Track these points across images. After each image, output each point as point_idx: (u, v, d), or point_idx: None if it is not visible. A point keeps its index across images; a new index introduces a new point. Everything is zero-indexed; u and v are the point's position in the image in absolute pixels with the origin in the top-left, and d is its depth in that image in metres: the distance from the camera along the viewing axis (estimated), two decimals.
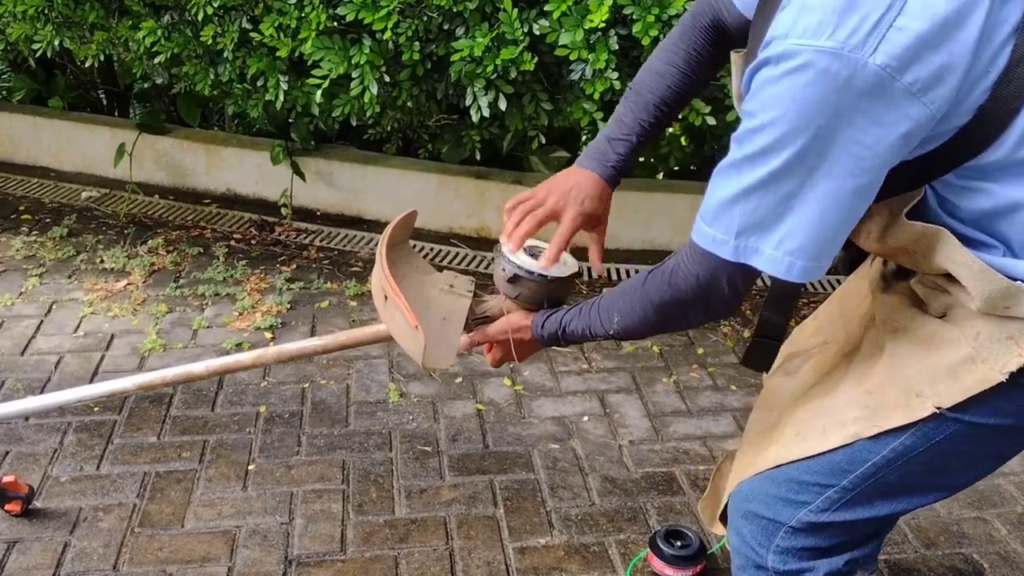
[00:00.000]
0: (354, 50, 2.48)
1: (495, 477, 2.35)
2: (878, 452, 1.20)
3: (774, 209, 1.02)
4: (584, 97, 2.50)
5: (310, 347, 1.58)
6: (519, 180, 3.63)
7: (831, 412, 1.25)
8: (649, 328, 1.27)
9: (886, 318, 1.25)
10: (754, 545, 1.35)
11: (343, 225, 3.86)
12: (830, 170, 0.98)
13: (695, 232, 1.11)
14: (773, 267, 1.05)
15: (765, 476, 1.31)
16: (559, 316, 1.40)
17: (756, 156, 1.01)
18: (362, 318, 3.12)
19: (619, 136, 1.45)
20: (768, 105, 0.98)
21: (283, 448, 2.41)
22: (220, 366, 1.61)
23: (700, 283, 1.14)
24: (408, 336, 1.37)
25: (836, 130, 0.95)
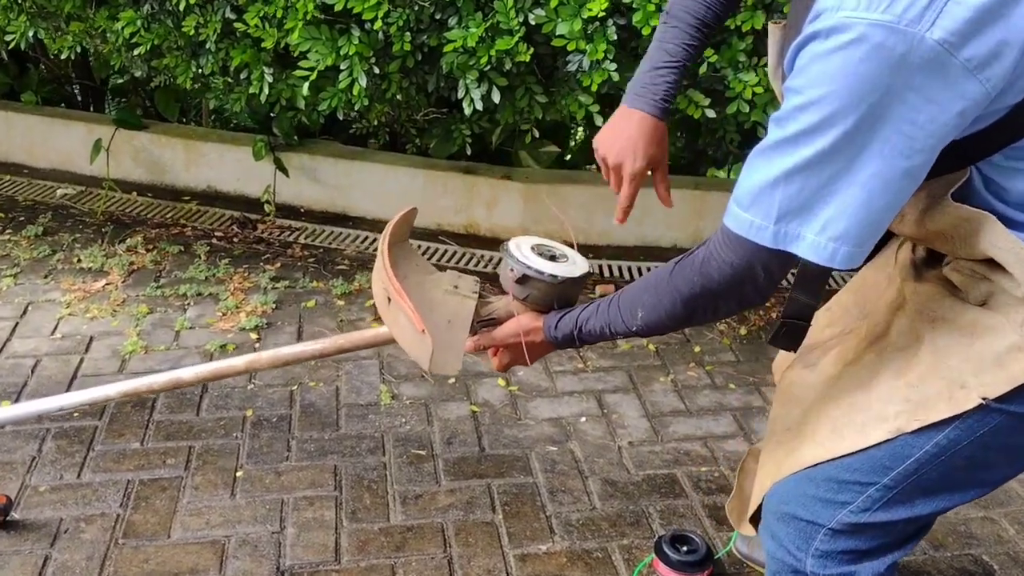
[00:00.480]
0: (342, 41, 2.39)
1: (492, 481, 2.28)
2: (921, 447, 1.15)
3: (818, 192, 0.97)
4: (580, 89, 2.43)
5: (307, 351, 1.50)
6: (508, 175, 3.56)
7: (870, 406, 1.20)
8: (676, 322, 1.21)
9: (922, 308, 1.19)
10: (791, 549, 1.29)
11: (328, 222, 3.78)
12: (880, 151, 0.93)
13: (729, 218, 1.05)
14: (815, 253, 0.99)
15: (802, 476, 1.26)
16: (574, 315, 1.34)
17: (801, 136, 0.95)
18: (349, 318, 3.03)
19: (664, 64, 1.40)
20: (817, 82, 0.92)
21: (272, 453, 2.33)
22: (210, 372, 1.52)
23: (735, 272, 1.08)
24: (413, 341, 1.29)
25: (888, 108, 0.90)
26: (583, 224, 3.58)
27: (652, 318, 1.21)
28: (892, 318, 1.28)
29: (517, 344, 1.40)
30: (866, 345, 1.32)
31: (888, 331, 1.27)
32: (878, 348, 1.27)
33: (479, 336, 1.43)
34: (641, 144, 1.39)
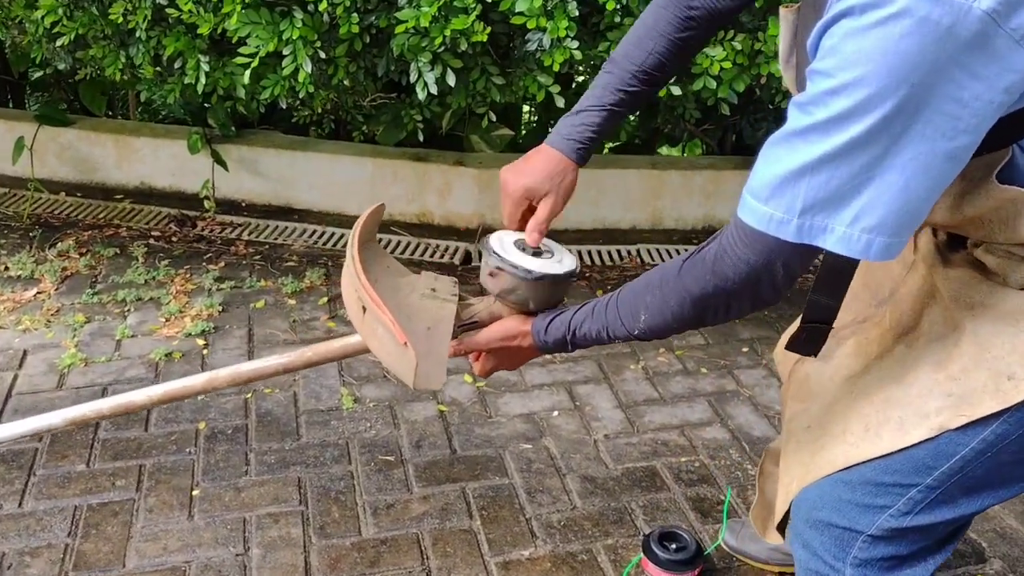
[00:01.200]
0: (285, 24, 2.23)
1: (467, 485, 2.17)
2: (966, 444, 1.08)
3: (850, 181, 0.88)
4: (539, 69, 2.31)
5: (270, 367, 1.37)
6: (461, 161, 3.44)
7: (908, 402, 1.12)
8: (684, 324, 1.11)
9: (957, 295, 1.11)
10: (827, 558, 1.22)
11: (272, 216, 3.61)
12: (921, 133, 0.84)
13: (745, 212, 0.95)
14: (847, 247, 0.91)
15: (835, 479, 1.18)
16: (565, 319, 1.23)
17: (832, 122, 0.86)
18: (303, 317, 2.89)
19: (588, 107, 1.34)
20: (851, 62, 0.83)
21: (230, 468, 2.18)
22: (165, 394, 1.38)
23: (751, 270, 0.99)
24: (394, 354, 1.17)
25: (932, 88, 0.82)
26: None
27: (657, 321, 1.12)
28: (922, 308, 1.20)
29: (503, 349, 1.29)
30: (893, 336, 1.24)
31: (919, 322, 1.19)
32: (909, 340, 1.19)
33: (460, 341, 1.32)
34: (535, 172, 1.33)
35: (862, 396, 1.21)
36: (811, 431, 1.30)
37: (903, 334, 1.23)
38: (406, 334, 1.14)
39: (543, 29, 2.13)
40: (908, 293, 1.27)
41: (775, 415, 2.51)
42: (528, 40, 2.23)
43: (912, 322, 1.23)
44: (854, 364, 1.31)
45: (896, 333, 1.25)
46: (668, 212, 3.52)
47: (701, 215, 3.57)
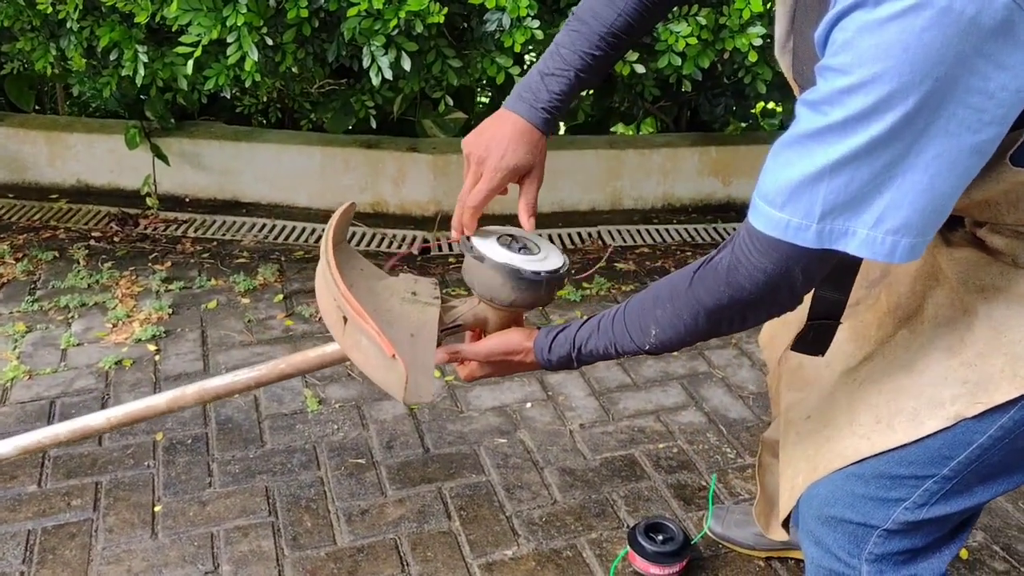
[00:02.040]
0: (228, 11, 2.11)
1: (443, 485, 2.10)
2: (983, 432, 1.04)
3: (871, 182, 0.83)
4: (498, 50, 2.23)
5: (240, 382, 1.28)
6: (414, 147, 3.33)
7: (920, 391, 1.08)
8: (697, 337, 1.06)
9: (965, 277, 1.07)
10: (842, 555, 1.18)
11: (218, 211, 3.47)
12: (945, 128, 0.79)
13: (758, 219, 0.90)
14: (870, 250, 0.86)
15: (847, 474, 1.13)
16: (569, 335, 1.17)
17: (850, 122, 0.80)
18: (258, 316, 2.77)
19: (554, 71, 1.24)
20: (869, 58, 0.77)
21: (192, 481, 2.08)
22: (126, 415, 1.28)
23: (768, 279, 0.94)
24: (380, 367, 1.09)
25: (956, 81, 0.77)
26: None
27: (669, 335, 1.06)
28: (923, 290, 1.15)
29: (502, 363, 1.22)
30: (893, 321, 1.20)
31: (922, 305, 1.15)
32: (912, 325, 1.15)
33: (457, 350, 1.24)
34: (514, 145, 1.22)
35: (869, 385, 1.16)
36: (812, 421, 1.26)
37: (905, 318, 1.19)
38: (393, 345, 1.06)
39: (502, 9, 2.04)
40: (905, 274, 1.22)
41: (749, 396, 2.48)
42: (487, 20, 2.14)
43: (913, 305, 1.18)
44: (852, 350, 1.27)
45: (896, 317, 1.21)
46: (627, 192, 3.47)
47: (660, 193, 3.53)
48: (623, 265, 3.18)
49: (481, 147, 1.24)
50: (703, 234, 3.44)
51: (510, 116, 1.24)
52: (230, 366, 2.52)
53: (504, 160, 1.22)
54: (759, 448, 1.65)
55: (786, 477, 1.25)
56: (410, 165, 3.32)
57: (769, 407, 2.44)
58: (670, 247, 3.30)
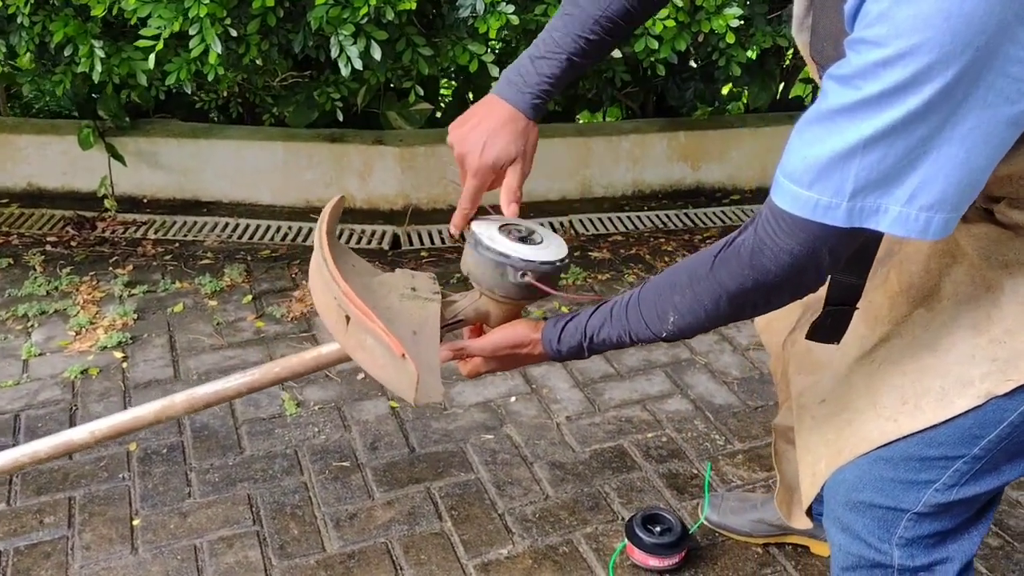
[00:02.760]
0: (190, 1, 2.02)
1: (432, 484, 2.04)
2: (1014, 409, 1.02)
3: (905, 157, 0.80)
4: (470, 38, 2.17)
5: (232, 388, 1.21)
6: (380, 140, 3.26)
7: (947, 370, 1.05)
8: (717, 322, 1.03)
9: (988, 253, 1.05)
10: (872, 541, 1.15)
11: (179, 211, 3.36)
12: (983, 99, 0.76)
13: (784, 199, 0.86)
14: (904, 226, 0.83)
15: (874, 457, 1.11)
16: (579, 325, 1.13)
17: (886, 96, 0.77)
18: (227, 319, 2.69)
19: (545, 54, 1.19)
20: (908, 29, 0.74)
21: (171, 492, 2.00)
22: (111, 428, 1.21)
23: (794, 260, 0.90)
24: (389, 368, 1.04)
25: (996, 50, 0.74)
26: None
27: (689, 320, 1.03)
28: (940, 268, 1.13)
29: (509, 356, 1.17)
30: (907, 300, 1.17)
31: (938, 283, 1.12)
32: (930, 304, 1.13)
33: (462, 346, 1.19)
34: (495, 137, 1.18)
35: (889, 366, 1.14)
36: (827, 405, 1.23)
37: (921, 298, 1.16)
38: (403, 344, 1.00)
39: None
40: (917, 252, 1.20)
41: (733, 381, 2.46)
42: (460, 6, 2.08)
43: (929, 284, 1.16)
44: (864, 332, 1.24)
45: (911, 297, 1.19)
46: (597, 180, 3.43)
47: (630, 180, 3.50)
48: (597, 254, 3.15)
49: (463, 142, 1.20)
50: (675, 220, 3.42)
51: (496, 102, 1.20)
52: (201, 371, 2.43)
53: (484, 156, 1.17)
54: (773, 436, 1.63)
55: (806, 463, 1.22)
56: (376, 158, 3.25)
57: (755, 392, 2.43)
58: (643, 234, 3.28)
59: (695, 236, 3.29)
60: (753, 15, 2.32)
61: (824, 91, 0.83)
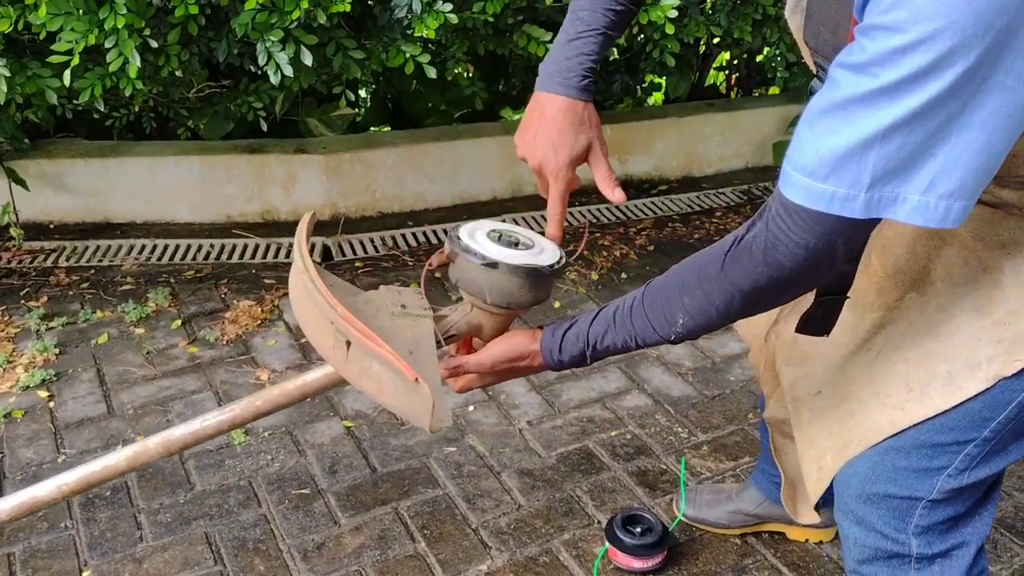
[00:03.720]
0: (104, 12, 1.88)
1: (399, 504, 1.97)
2: (1022, 390, 1.02)
3: (923, 144, 0.78)
4: (404, 39, 2.09)
5: (211, 426, 1.12)
6: (302, 148, 3.14)
7: (953, 355, 1.05)
8: (728, 321, 1.00)
9: (981, 234, 1.05)
10: (888, 531, 1.14)
11: (90, 235, 3.17)
12: (1002, 82, 0.75)
13: (796, 193, 0.84)
14: (924, 216, 0.81)
15: (885, 448, 1.10)
16: (580, 332, 1.08)
17: (906, 83, 0.75)
18: (158, 346, 2.54)
19: (579, 34, 1.17)
20: (929, 14, 0.72)
21: (120, 537, 1.87)
22: (79, 481, 1.10)
23: (810, 254, 0.88)
24: (399, 394, 0.97)
25: (1016, 31, 0.73)
26: (395, 189, 3.25)
27: (699, 322, 1.00)
28: (928, 251, 1.12)
29: (508, 370, 1.12)
30: (895, 285, 1.16)
31: (928, 267, 1.12)
32: (921, 288, 1.12)
33: (451, 362, 1.13)
34: (562, 136, 1.16)
35: (890, 353, 1.13)
36: (824, 397, 1.22)
37: (911, 281, 1.16)
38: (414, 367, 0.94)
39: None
40: (899, 236, 1.19)
41: (687, 372, 2.46)
42: (395, 7, 2.00)
43: (916, 266, 1.16)
44: (852, 318, 1.23)
45: (898, 281, 1.18)
46: (527, 178, 3.39)
47: None
48: None
49: (533, 151, 1.18)
50: (607, 214, 3.41)
51: (547, 99, 1.17)
52: (137, 405, 2.29)
53: (559, 158, 1.16)
54: (769, 431, 1.61)
55: (809, 458, 1.21)
56: (299, 168, 3.13)
57: (710, 381, 2.43)
58: (578, 230, 3.25)
59: (629, 229, 3.29)
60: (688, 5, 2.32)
61: (834, 80, 0.81)
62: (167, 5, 1.94)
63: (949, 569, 1.17)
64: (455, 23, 1.97)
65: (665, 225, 3.34)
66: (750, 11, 2.73)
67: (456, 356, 1.15)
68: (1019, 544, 1.88)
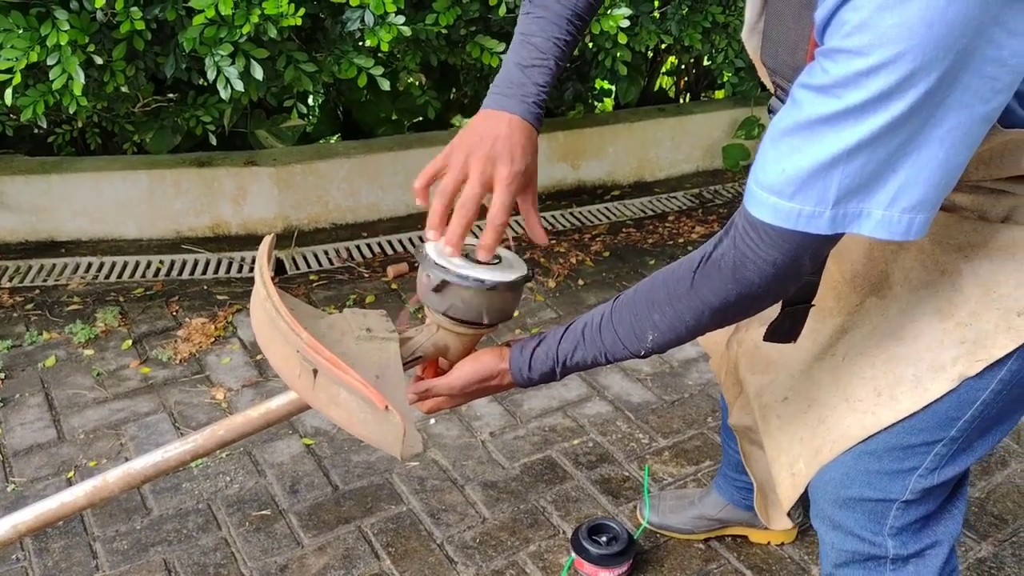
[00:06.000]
0: (46, 28, 1.83)
1: (362, 522, 1.95)
2: (985, 388, 1.05)
3: (886, 162, 0.80)
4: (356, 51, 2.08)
5: (173, 457, 1.09)
6: (252, 160, 3.09)
7: (918, 357, 1.07)
8: (697, 334, 1.02)
9: (938, 238, 1.08)
10: (865, 534, 1.17)
11: (34, 255, 3.08)
12: (960, 100, 0.78)
13: (763, 211, 0.86)
14: (887, 230, 0.83)
15: (858, 452, 1.12)
16: (549, 350, 1.09)
17: (870, 104, 0.77)
18: (108, 368, 2.48)
19: (533, 62, 1.14)
20: (892, 38, 0.74)
21: (75, 567, 1.82)
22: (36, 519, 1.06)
23: (778, 270, 0.90)
24: (369, 422, 0.95)
25: (974, 52, 0.75)
26: (348, 201, 3.22)
27: (669, 338, 1.01)
28: (884, 256, 1.15)
29: (478, 391, 1.12)
30: (854, 289, 1.19)
31: (886, 271, 1.14)
32: (881, 292, 1.14)
33: (419, 386, 1.12)
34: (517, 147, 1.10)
35: (856, 358, 1.15)
36: (791, 403, 1.24)
37: (870, 286, 1.18)
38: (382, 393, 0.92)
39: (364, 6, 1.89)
40: (855, 242, 1.22)
41: (647, 377, 2.48)
42: (347, 19, 1.98)
43: (874, 271, 1.18)
44: (814, 324, 1.25)
45: (857, 285, 1.21)
46: None
47: None
48: None
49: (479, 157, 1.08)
50: (562, 220, 3.42)
51: (503, 115, 1.11)
52: (88, 429, 2.23)
53: (515, 164, 1.08)
54: (738, 440, 1.62)
55: (780, 465, 1.22)
56: (250, 180, 3.08)
57: (669, 386, 2.45)
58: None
59: (584, 235, 3.30)
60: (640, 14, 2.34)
61: (797, 100, 0.82)
62: (112, 20, 1.90)
63: (924, 569, 1.20)
64: (408, 35, 1.96)
65: (619, 230, 3.36)
66: (700, 19, 2.77)
67: (424, 379, 1.14)
68: (973, 539, 1.92)
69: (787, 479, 1.21)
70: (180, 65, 2.10)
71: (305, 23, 2.13)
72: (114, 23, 1.90)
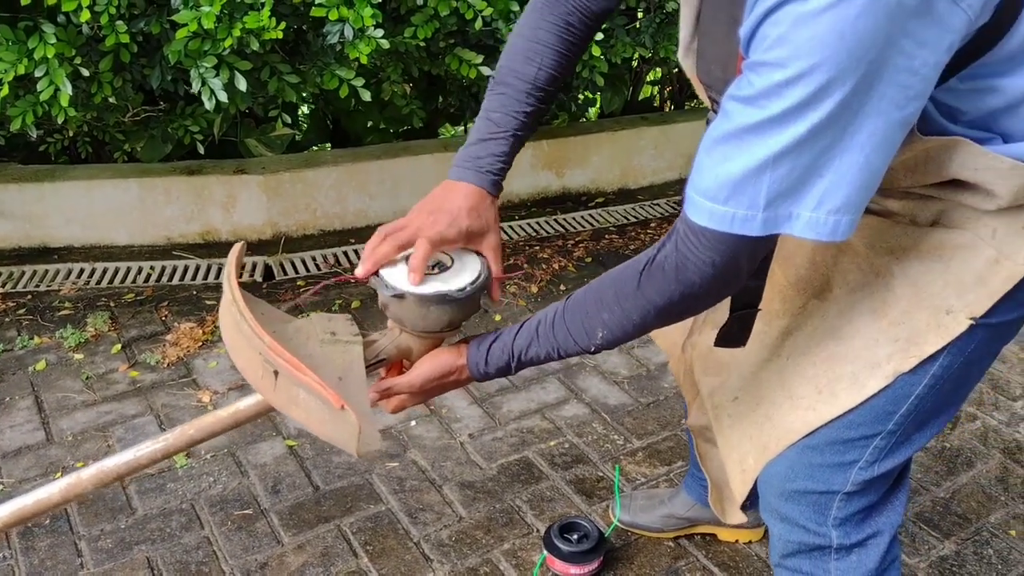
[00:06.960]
0: (34, 41, 1.89)
1: (341, 521, 2.00)
2: (919, 383, 1.11)
3: (811, 167, 0.86)
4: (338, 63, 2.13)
5: (145, 456, 1.15)
6: (242, 168, 3.15)
7: (855, 356, 1.13)
8: (644, 331, 1.08)
9: (872, 242, 1.14)
10: (809, 526, 1.23)
11: (26, 261, 3.14)
12: (876, 108, 0.83)
13: (699, 215, 0.92)
14: (815, 231, 0.89)
15: (800, 447, 1.18)
16: (505, 345, 1.14)
17: (790, 113, 0.83)
18: (97, 371, 2.53)
19: (490, 135, 1.23)
20: (806, 50, 0.80)
21: (60, 566, 1.87)
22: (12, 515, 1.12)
23: (717, 271, 0.96)
24: (327, 422, 1.01)
25: (885, 62, 0.81)
26: (336, 208, 3.28)
27: (617, 335, 1.07)
28: (826, 261, 1.21)
29: (437, 388, 1.17)
30: (798, 292, 1.25)
31: (828, 274, 1.20)
32: (823, 294, 1.20)
33: (380, 385, 1.18)
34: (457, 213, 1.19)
35: (798, 357, 1.20)
36: (741, 403, 1.29)
37: (813, 289, 1.24)
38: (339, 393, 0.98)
39: (344, 19, 1.95)
40: (799, 247, 1.28)
41: (624, 380, 2.53)
42: (327, 33, 2.04)
43: (816, 275, 1.24)
44: (761, 326, 1.31)
45: (800, 288, 1.26)
46: None
47: None
48: None
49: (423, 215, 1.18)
50: (546, 227, 3.47)
51: (459, 185, 1.21)
52: (76, 431, 2.28)
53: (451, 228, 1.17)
54: (693, 439, 1.68)
55: (732, 461, 1.28)
56: (239, 188, 3.14)
57: (645, 388, 2.50)
58: (517, 244, 3.31)
59: (568, 241, 3.35)
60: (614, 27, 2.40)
61: (727, 111, 0.88)
62: (98, 34, 1.96)
63: (866, 557, 1.26)
64: (387, 48, 2.02)
65: (602, 237, 3.41)
66: (675, 31, 2.82)
67: (386, 379, 1.20)
68: (936, 537, 1.98)
69: (738, 475, 1.27)
70: (166, 77, 2.16)
71: (288, 36, 2.18)
72: (100, 36, 1.96)
